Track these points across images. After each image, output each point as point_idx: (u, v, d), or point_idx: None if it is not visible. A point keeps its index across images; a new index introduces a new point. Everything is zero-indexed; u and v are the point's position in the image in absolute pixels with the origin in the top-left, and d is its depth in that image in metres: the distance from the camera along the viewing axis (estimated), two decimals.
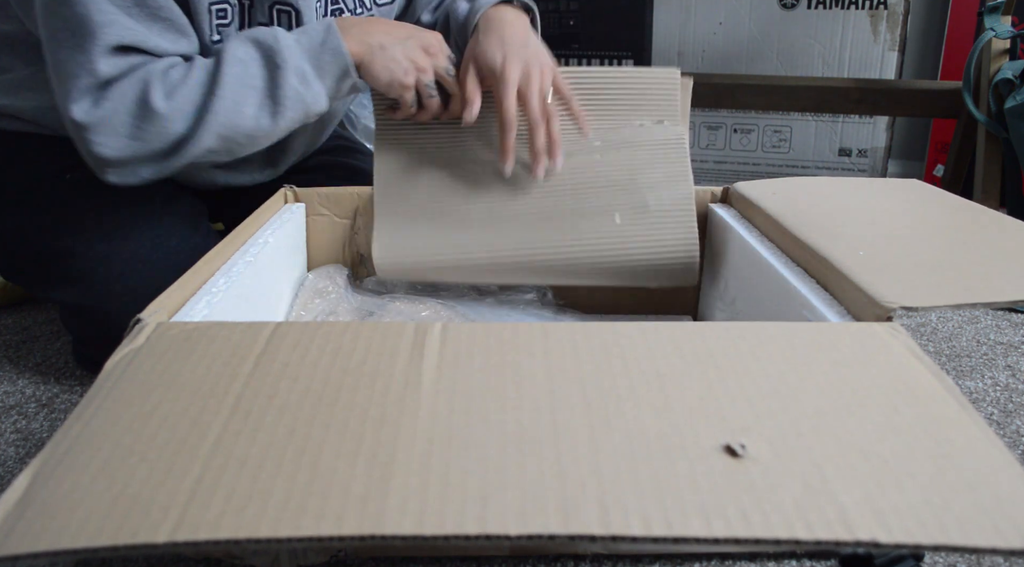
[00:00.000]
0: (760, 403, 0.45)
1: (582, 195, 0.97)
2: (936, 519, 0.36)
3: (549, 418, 0.43)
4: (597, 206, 0.96)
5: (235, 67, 0.84)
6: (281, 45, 0.86)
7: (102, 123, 0.81)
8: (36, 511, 0.37)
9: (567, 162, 0.97)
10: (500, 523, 0.35)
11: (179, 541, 0.35)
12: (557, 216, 0.96)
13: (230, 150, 0.89)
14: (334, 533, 0.35)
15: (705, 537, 0.35)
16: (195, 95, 0.83)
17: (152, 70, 0.83)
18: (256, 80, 0.86)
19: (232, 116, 0.84)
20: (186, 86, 0.83)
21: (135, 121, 0.82)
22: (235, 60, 0.85)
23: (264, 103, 0.86)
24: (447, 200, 0.97)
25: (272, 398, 0.46)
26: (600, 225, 0.95)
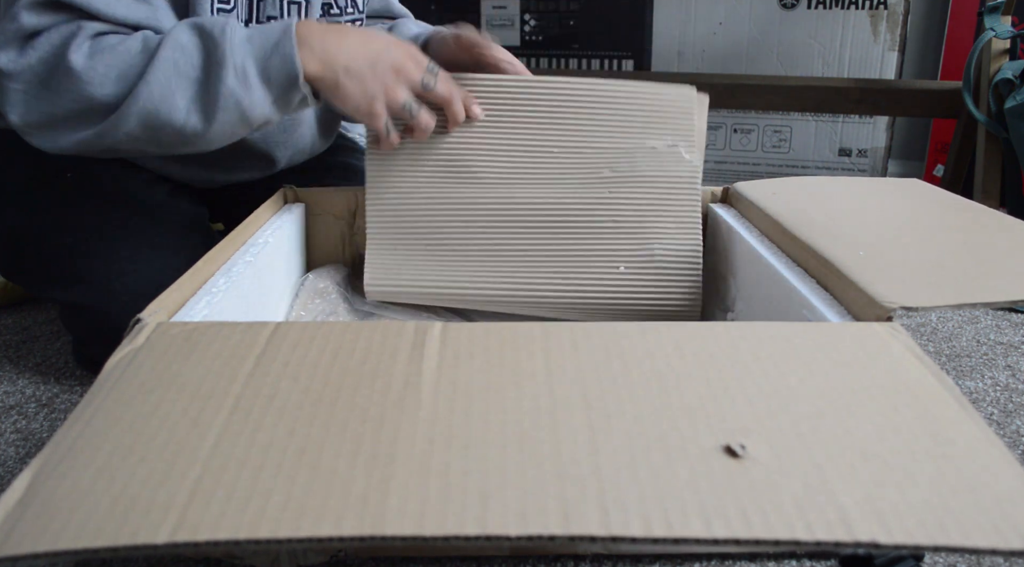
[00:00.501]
0: (760, 403, 0.45)
1: (587, 237, 0.94)
2: (936, 520, 0.36)
3: (549, 418, 0.43)
4: (601, 251, 0.94)
5: (174, 52, 0.78)
6: (226, 38, 0.78)
7: (21, 73, 0.78)
8: (36, 511, 0.37)
9: (575, 196, 0.94)
10: (500, 524, 0.35)
11: (179, 542, 0.35)
12: (559, 257, 0.94)
13: (158, 142, 0.82)
14: (334, 534, 0.35)
15: (705, 538, 0.35)
16: (122, 65, 0.78)
17: (83, 27, 0.78)
18: (192, 70, 0.79)
19: (160, 102, 0.78)
20: (114, 53, 0.78)
21: (50, 74, 0.78)
22: (176, 45, 0.78)
23: (197, 97, 0.79)
24: (444, 229, 0.94)
25: (272, 398, 0.46)
26: (604, 271, 0.93)
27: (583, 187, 0.95)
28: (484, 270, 0.94)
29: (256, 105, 0.81)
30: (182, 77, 0.78)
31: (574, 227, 0.94)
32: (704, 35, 2.15)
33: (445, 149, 0.94)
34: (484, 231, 0.94)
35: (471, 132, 0.94)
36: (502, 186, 0.94)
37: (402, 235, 0.95)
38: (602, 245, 0.94)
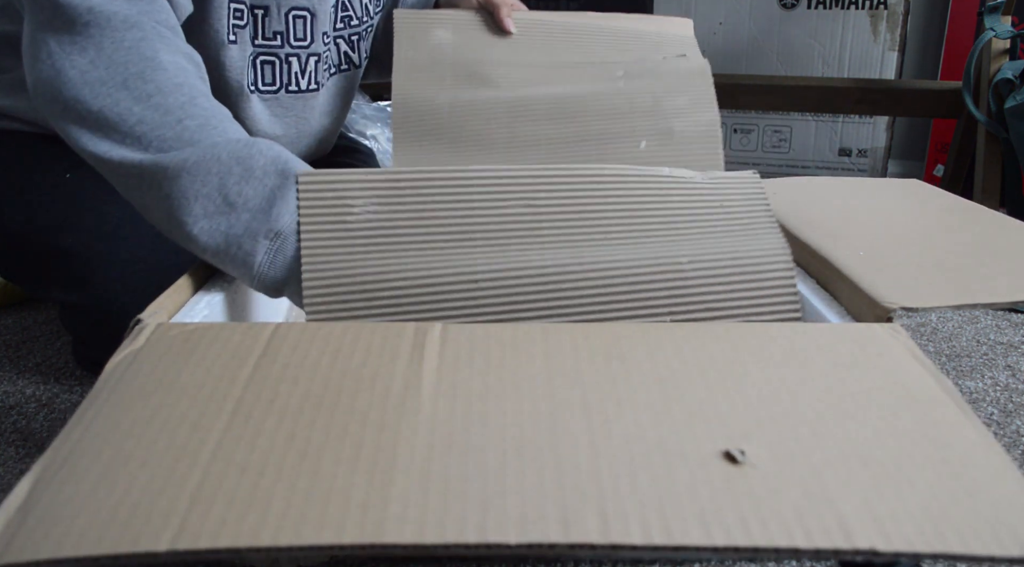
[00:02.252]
0: (760, 408, 0.45)
1: (606, 120, 0.96)
2: (935, 527, 0.36)
3: (549, 423, 0.43)
4: (622, 131, 0.95)
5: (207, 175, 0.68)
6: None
7: None
8: (37, 518, 0.37)
9: (592, 88, 0.98)
10: (500, 532, 0.35)
11: (180, 550, 0.35)
12: (580, 141, 0.95)
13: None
14: (335, 542, 0.35)
15: (705, 546, 0.35)
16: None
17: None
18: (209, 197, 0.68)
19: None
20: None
21: None
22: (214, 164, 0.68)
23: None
24: (467, 123, 0.96)
25: (272, 402, 0.46)
26: (625, 150, 0.94)
27: (599, 83, 0.99)
28: (508, 157, 0.95)
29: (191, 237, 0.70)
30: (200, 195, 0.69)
31: (593, 114, 0.96)
32: (704, 35, 2.15)
33: (466, 65, 1.00)
34: (505, 124, 0.96)
35: (492, 50, 1.01)
36: (521, 89, 0.98)
37: (426, 135, 0.96)
38: (621, 126, 0.95)
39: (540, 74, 1.00)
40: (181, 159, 0.68)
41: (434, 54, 1.02)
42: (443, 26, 1.05)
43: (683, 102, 0.97)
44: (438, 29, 1.05)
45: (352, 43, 1.13)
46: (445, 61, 1.01)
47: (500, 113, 0.96)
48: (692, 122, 0.95)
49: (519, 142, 0.95)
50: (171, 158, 0.68)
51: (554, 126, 0.96)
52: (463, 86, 0.99)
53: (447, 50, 1.02)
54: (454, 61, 1.01)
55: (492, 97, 0.97)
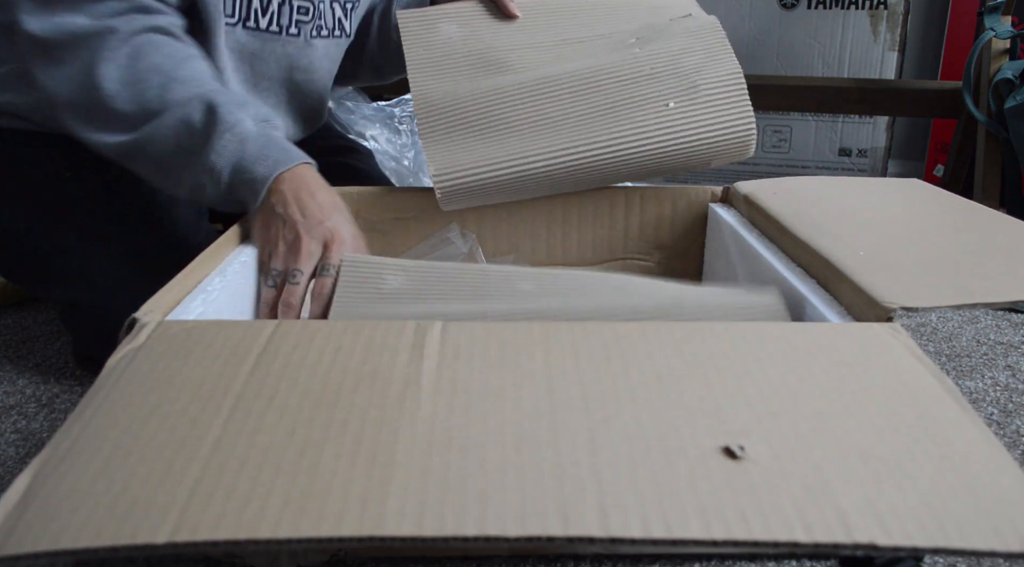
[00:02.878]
0: (759, 404, 0.45)
1: (630, 86, 0.96)
2: (935, 522, 0.36)
3: (548, 419, 0.43)
4: (647, 95, 0.96)
5: (179, 123, 0.82)
6: (226, 133, 0.81)
7: None
8: (36, 511, 0.37)
9: (609, 58, 0.98)
10: (499, 525, 0.35)
11: (179, 542, 0.35)
12: (609, 110, 0.95)
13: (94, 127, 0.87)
14: (333, 534, 0.35)
15: (704, 539, 0.35)
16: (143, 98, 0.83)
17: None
18: (185, 144, 0.82)
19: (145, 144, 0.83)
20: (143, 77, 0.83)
21: None
22: (185, 117, 0.82)
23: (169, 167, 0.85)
24: (492, 110, 0.97)
25: (272, 398, 0.46)
26: (654, 113, 0.95)
27: (615, 53, 1.00)
28: (540, 138, 0.95)
29: (205, 194, 0.85)
30: (180, 148, 0.82)
31: (616, 82, 0.97)
32: None
33: (479, 53, 1.01)
34: (531, 105, 0.96)
35: (501, 36, 1.02)
36: (539, 69, 0.99)
37: (454, 129, 0.97)
38: (646, 90, 0.96)
39: (554, 53, 1.01)
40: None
41: (445, 49, 1.02)
42: (448, 20, 1.06)
43: (701, 58, 0.98)
44: (444, 24, 1.05)
45: (346, 10, 1.13)
46: (457, 54, 1.01)
47: (523, 96, 0.97)
48: (714, 75, 0.96)
49: (549, 121, 0.95)
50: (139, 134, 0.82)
51: (580, 100, 0.96)
52: (481, 75, 0.99)
53: (457, 43, 1.03)
54: (466, 52, 1.02)
55: (512, 81, 0.98)
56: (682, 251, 1.04)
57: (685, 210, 1.02)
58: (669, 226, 1.03)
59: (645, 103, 0.95)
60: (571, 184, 0.96)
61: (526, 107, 0.96)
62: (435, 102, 0.98)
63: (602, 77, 0.97)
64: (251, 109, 0.84)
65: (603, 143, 0.93)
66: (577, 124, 0.95)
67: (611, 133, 0.94)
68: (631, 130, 0.94)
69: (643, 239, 1.03)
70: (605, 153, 0.93)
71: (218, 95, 0.83)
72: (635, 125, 0.94)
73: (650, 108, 0.95)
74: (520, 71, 0.99)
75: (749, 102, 0.95)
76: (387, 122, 1.71)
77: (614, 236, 1.03)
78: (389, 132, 1.68)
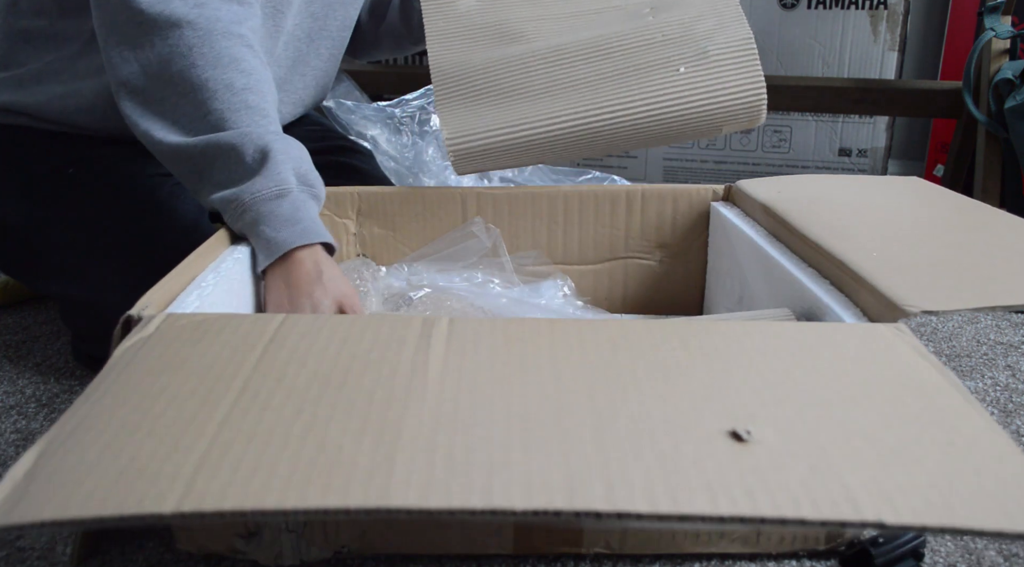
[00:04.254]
0: (766, 393, 0.45)
1: (640, 53, 0.98)
2: (942, 501, 0.36)
3: (554, 403, 0.43)
4: (657, 60, 0.97)
5: (230, 150, 0.80)
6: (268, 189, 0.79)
7: None
8: (43, 482, 0.37)
9: (621, 27, 1.00)
10: (505, 498, 0.35)
11: (185, 511, 0.35)
12: (619, 76, 0.97)
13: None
14: (340, 505, 0.35)
15: (711, 515, 0.35)
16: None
17: None
18: (229, 172, 0.81)
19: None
20: None
21: None
22: (235, 145, 0.80)
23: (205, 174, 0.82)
24: (505, 78, 0.98)
25: (280, 381, 0.46)
26: (664, 78, 0.96)
27: (628, 22, 1.01)
28: (552, 103, 0.96)
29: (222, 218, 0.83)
30: (226, 173, 0.81)
31: (627, 49, 0.98)
32: None
33: (495, 25, 1.03)
34: (543, 72, 0.98)
35: (517, 8, 1.04)
36: (553, 38, 1.01)
37: (467, 96, 0.98)
38: (657, 56, 0.97)
39: (568, 23, 1.02)
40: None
41: (463, 21, 1.04)
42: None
43: (712, 24, 0.99)
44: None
45: None
46: (475, 25, 1.03)
47: (536, 63, 0.98)
48: (725, 42, 0.97)
49: (560, 86, 0.97)
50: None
51: (591, 66, 0.97)
52: (495, 45, 1.01)
53: (475, 15, 1.05)
54: (483, 23, 1.03)
55: (526, 50, 0.99)
56: (684, 250, 1.04)
57: (687, 209, 1.03)
58: (671, 225, 1.03)
59: (656, 68, 0.96)
60: (582, 149, 0.97)
61: (539, 74, 0.98)
62: (450, 71, 0.99)
63: (614, 44, 0.98)
64: (295, 152, 0.84)
65: (613, 108, 0.94)
66: (589, 89, 0.96)
67: (622, 98, 0.95)
68: (641, 95, 0.95)
69: (644, 238, 1.03)
70: (616, 117, 0.95)
71: (275, 141, 0.81)
72: (645, 90, 0.95)
73: (661, 73, 0.96)
74: (534, 41, 1.01)
75: (760, 67, 0.96)
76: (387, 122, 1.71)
77: (615, 235, 1.03)
78: (389, 132, 1.68)
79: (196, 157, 0.81)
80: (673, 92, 0.95)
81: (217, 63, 0.82)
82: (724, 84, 0.95)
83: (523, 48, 1.00)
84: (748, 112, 0.95)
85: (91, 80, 0.96)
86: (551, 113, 0.95)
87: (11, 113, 1.01)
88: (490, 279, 1.01)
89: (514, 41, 1.01)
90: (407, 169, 1.59)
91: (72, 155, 0.98)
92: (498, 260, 1.00)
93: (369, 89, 1.97)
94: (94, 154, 0.98)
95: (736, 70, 0.95)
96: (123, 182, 0.97)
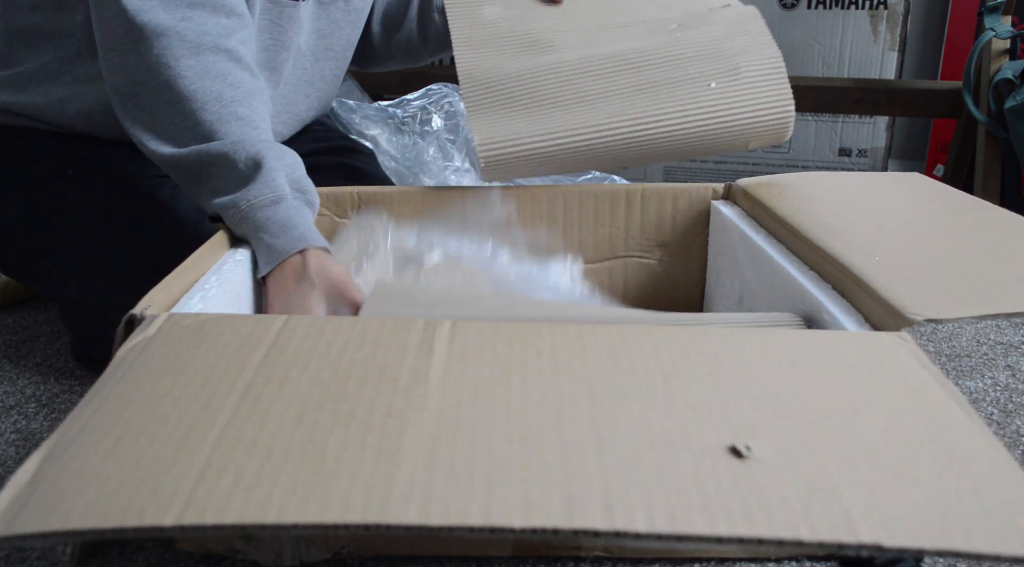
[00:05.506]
0: (765, 405, 0.45)
1: (672, 67, 0.99)
2: (940, 523, 0.36)
3: (555, 414, 0.43)
4: (689, 75, 0.98)
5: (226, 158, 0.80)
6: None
7: None
8: (46, 491, 0.37)
9: (650, 41, 1.01)
10: (504, 515, 0.35)
11: (186, 524, 0.35)
12: (651, 88, 0.98)
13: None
14: (339, 521, 0.35)
15: (708, 535, 0.35)
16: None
17: None
18: (223, 180, 0.80)
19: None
20: None
21: None
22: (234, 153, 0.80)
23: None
24: (537, 87, 0.99)
25: (282, 386, 0.46)
26: (696, 92, 0.97)
27: (656, 37, 1.03)
28: (584, 113, 0.97)
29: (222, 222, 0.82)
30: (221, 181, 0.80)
31: (659, 63, 0.99)
32: None
33: (523, 34, 1.04)
34: (575, 82, 0.99)
35: (544, 19, 1.06)
36: (583, 50, 1.02)
37: (499, 103, 0.99)
38: (688, 71, 0.99)
39: (596, 36, 1.03)
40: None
41: (490, 29, 1.05)
42: (493, 3, 1.09)
43: (743, 42, 1.00)
44: (488, 6, 1.08)
45: None
46: (502, 34, 1.04)
47: (567, 73, 0.99)
48: (756, 60, 0.98)
49: (592, 97, 0.97)
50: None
51: (623, 78, 0.98)
52: (525, 54, 1.02)
53: (502, 24, 1.06)
54: (510, 32, 1.04)
55: (556, 60, 1.00)
56: (684, 249, 1.04)
57: (687, 208, 1.02)
58: (671, 224, 1.03)
59: (687, 83, 0.97)
60: (612, 159, 0.98)
61: (569, 84, 0.98)
62: (480, 77, 1.00)
63: (645, 57, 0.99)
64: (289, 159, 0.83)
65: (645, 119, 0.95)
66: (621, 100, 0.97)
67: (654, 110, 0.96)
68: (673, 108, 0.96)
69: (644, 237, 1.03)
70: (647, 129, 0.96)
71: (267, 149, 0.81)
72: (677, 103, 0.96)
73: (692, 87, 0.97)
74: (563, 51, 1.02)
75: (789, 86, 0.97)
76: (388, 122, 1.71)
77: (615, 234, 1.03)
78: (390, 132, 1.68)
79: (190, 166, 0.81)
80: (705, 106, 0.96)
81: (204, 75, 0.82)
82: (755, 100, 0.96)
83: (553, 58, 1.01)
84: (777, 128, 0.98)
85: (91, 85, 0.96)
86: (584, 123, 0.95)
87: (10, 113, 1.00)
88: (500, 250, 1.00)
89: (543, 51, 1.02)
90: (408, 169, 1.59)
91: (72, 156, 0.98)
92: (510, 233, 1.00)
93: (370, 89, 1.97)
94: (94, 155, 0.98)
95: (767, 87, 0.97)
96: (123, 183, 0.97)
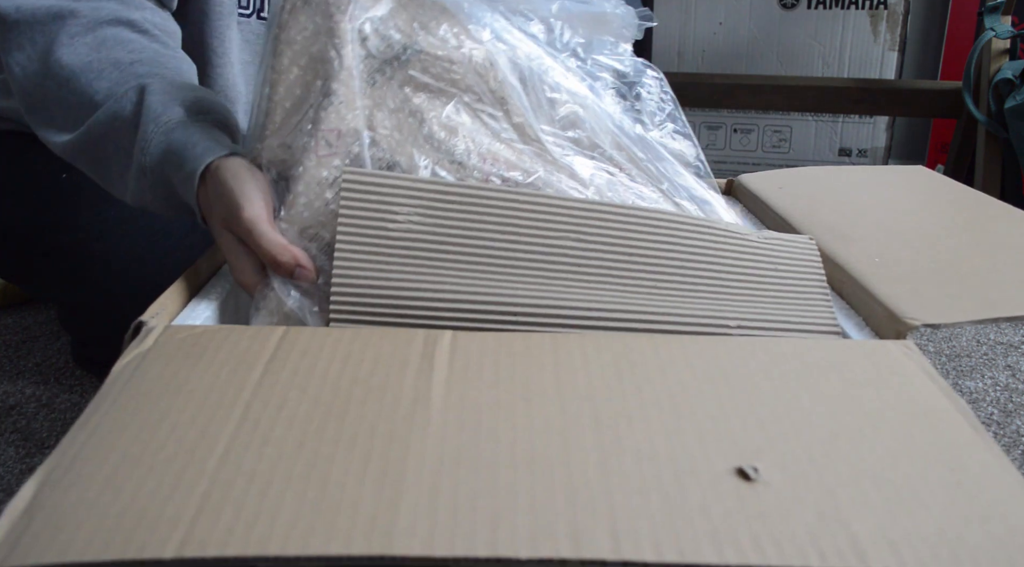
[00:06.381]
0: (772, 425, 0.45)
1: None
2: (949, 551, 0.36)
3: (560, 438, 0.43)
4: None
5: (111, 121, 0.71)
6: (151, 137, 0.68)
7: None
8: (42, 522, 0.36)
9: None
10: (511, 546, 0.35)
11: (186, 557, 0.34)
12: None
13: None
14: (343, 552, 0.35)
15: (717, 565, 0.35)
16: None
17: None
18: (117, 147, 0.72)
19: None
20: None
21: None
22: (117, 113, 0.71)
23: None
24: None
25: (281, 409, 0.45)
26: None
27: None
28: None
29: (147, 202, 0.74)
30: (117, 147, 0.73)
31: None
32: (704, 35, 2.14)
33: None
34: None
35: None
36: None
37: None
38: None
39: None
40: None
41: None
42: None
43: None
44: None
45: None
46: None
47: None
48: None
49: None
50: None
51: None
52: None
53: None
54: None
55: None
56: None
57: None
58: None
59: None
60: None
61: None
62: None
63: None
64: (188, 94, 0.72)
65: None
66: None
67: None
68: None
69: None
70: None
71: (155, 82, 0.71)
72: None
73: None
74: None
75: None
76: None
77: None
78: None
79: (87, 143, 0.74)
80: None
81: (101, 47, 0.75)
82: None
83: None
84: None
85: None
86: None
87: (4, 119, 1.00)
88: None
89: None
90: None
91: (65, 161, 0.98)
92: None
93: None
94: None
95: None
96: None
